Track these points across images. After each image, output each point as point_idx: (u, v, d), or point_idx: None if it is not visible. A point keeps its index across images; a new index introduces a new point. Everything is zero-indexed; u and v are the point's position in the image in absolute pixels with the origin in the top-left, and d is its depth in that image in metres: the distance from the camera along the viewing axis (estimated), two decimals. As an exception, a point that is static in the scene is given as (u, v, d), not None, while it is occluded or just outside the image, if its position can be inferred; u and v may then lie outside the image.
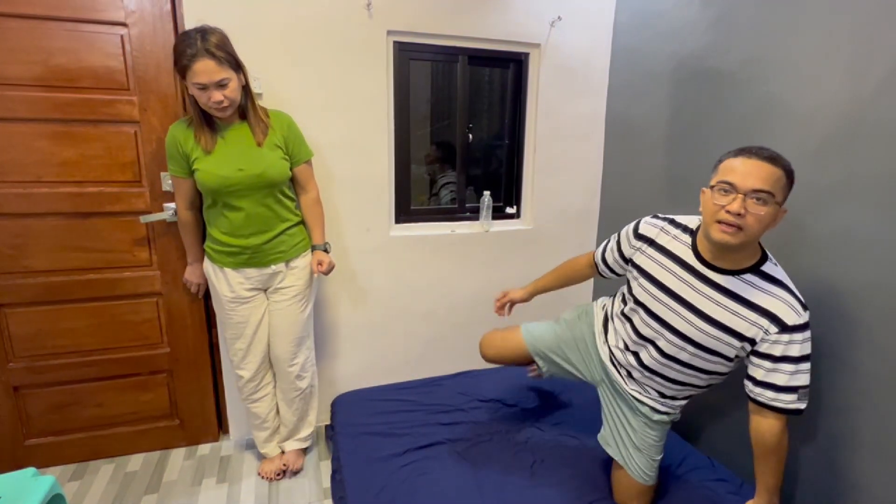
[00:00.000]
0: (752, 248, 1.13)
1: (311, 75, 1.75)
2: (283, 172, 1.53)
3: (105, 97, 1.58)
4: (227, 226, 1.52)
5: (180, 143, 1.46)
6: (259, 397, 1.73)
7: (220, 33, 1.38)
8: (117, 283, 1.71)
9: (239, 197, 1.49)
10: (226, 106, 1.39)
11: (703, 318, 1.15)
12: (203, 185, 1.48)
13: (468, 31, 1.90)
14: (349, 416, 1.83)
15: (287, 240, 1.60)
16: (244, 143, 1.49)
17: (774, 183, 1.02)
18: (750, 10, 1.50)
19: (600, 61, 2.11)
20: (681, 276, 1.19)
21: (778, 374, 1.10)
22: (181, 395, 1.86)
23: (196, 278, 1.69)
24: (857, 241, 1.24)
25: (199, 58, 1.31)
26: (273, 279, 1.62)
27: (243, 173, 1.46)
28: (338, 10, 1.73)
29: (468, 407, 1.88)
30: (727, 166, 1.08)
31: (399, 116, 1.94)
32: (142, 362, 1.79)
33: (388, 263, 2.02)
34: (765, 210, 1.02)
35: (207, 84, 1.34)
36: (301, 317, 1.67)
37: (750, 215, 1.02)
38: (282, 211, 1.58)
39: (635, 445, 1.34)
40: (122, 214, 1.67)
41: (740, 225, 1.03)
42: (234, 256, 1.55)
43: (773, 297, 1.09)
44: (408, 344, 2.14)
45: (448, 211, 2.15)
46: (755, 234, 1.05)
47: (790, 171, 1.06)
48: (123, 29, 1.55)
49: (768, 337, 1.09)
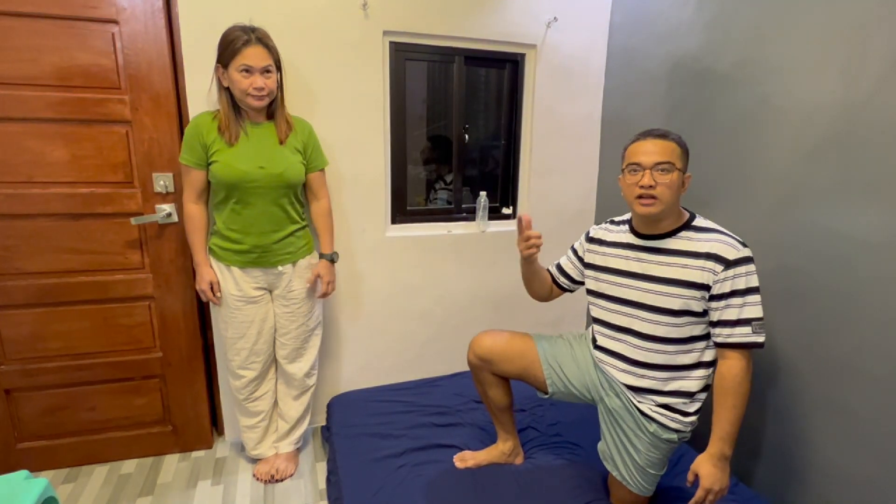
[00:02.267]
0: (676, 213, 1.25)
1: (306, 75, 1.72)
2: (300, 175, 1.56)
3: (96, 96, 1.55)
4: (238, 223, 1.51)
5: (202, 133, 1.46)
6: (260, 395, 1.72)
7: (265, 30, 1.46)
8: (109, 286, 1.68)
9: (255, 195, 1.49)
10: (264, 94, 1.43)
11: (660, 281, 1.24)
12: (220, 179, 1.46)
13: (464, 31, 1.89)
14: (345, 417, 1.82)
15: (295, 241, 1.61)
16: (268, 141, 1.51)
17: (671, 153, 1.19)
18: (744, 13, 1.50)
19: (596, 62, 2.11)
20: (628, 255, 1.32)
21: (729, 310, 1.16)
22: (174, 401, 1.83)
23: (209, 277, 1.55)
24: (851, 240, 1.25)
25: (251, 44, 1.39)
26: (279, 280, 1.62)
27: (264, 171, 1.47)
28: (334, 9, 1.71)
29: (465, 408, 1.87)
30: (631, 151, 1.24)
31: (395, 117, 1.92)
32: (134, 366, 1.76)
33: (384, 264, 2.00)
34: (670, 178, 1.18)
35: (253, 68, 1.39)
36: (308, 318, 1.69)
37: (659, 185, 1.18)
38: (292, 213, 1.59)
39: (638, 465, 1.31)
40: (113, 216, 1.64)
41: (654, 195, 1.18)
42: (242, 255, 1.54)
43: (710, 241, 1.19)
44: (404, 344, 2.13)
45: (444, 211, 2.14)
46: (670, 200, 1.19)
47: (681, 142, 1.22)
48: (115, 26, 1.53)
49: (717, 277, 1.16)
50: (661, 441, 1.28)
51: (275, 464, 1.75)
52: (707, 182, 1.66)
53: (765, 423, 1.51)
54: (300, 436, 1.82)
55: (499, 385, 1.51)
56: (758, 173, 1.49)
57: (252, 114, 1.49)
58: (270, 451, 1.78)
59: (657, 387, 1.28)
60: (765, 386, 1.51)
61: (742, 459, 1.57)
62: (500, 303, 2.22)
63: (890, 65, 1.15)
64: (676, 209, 1.25)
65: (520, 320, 2.25)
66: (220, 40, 1.42)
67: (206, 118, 1.49)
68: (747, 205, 1.53)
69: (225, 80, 1.43)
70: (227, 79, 1.42)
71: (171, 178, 1.65)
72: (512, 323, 2.26)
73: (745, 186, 1.53)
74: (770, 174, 1.45)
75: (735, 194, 1.57)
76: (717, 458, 1.16)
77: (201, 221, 1.55)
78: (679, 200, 1.23)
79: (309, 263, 1.67)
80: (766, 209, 1.47)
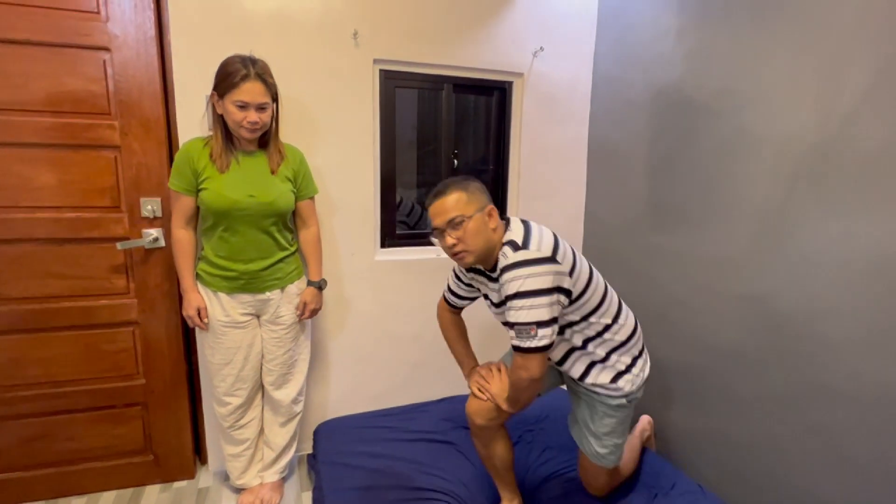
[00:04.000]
0: (498, 246, 1.24)
1: (297, 102, 1.73)
2: (290, 204, 1.55)
3: (85, 121, 1.54)
4: (227, 250, 1.50)
5: (193, 159, 1.45)
6: (246, 422, 1.67)
7: (265, 63, 1.44)
8: (93, 312, 1.64)
9: (244, 222, 1.48)
10: (258, 128, 1.43)
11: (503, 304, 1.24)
12: (209, 206, 1.45)
13: (453, 60, 1.92)
14: (332, 445, 1.77)
15: (283, 267, 1.60)
16: (259, 170, 1.50)
17: (455, 205, 1.21)
18: (721, 45, 1.55)
19: (582, 89, 2.15)
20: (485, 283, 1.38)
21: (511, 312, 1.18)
22: (156, 429, 1.77)
23: (196, 303, 1.51)
24: (826, 263, 1.27)
25: (250, 79, 1.37)
26: (267, 306, 1.59)
27: (254, 200, 1.46)
28: (325, 38, 1.73)
29: (453, 436, 1.83)
30: (430, 215, 1.26)
31: (385, 142, 1.93)
32: (116, 394, 1.71)
33: (373, 287, 1.98)
34: (464, 229, 1.20)
35: (249, 104, 1.38)
36: (296, 345, 1.67)
37: (460, 241, 1.21)
38: (281, 240, 1.58)
39: (592, 431, 1.41)
40: (99, 241, 1.61)
41: (463, 249, 1.21)
42: (229, 281, 1.52)
43: (500, 258, 1.21)
44: (393, 368, 2.09)
45: (433, 235, 2.13)
46: (481, 246, 1.22)
47: (465, 186, 1.23)
48: (107, 53, 1.53)
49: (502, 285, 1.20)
50: (612, 408, 1.37)
51: (260, 494, 1.69)
52: (691, 206, 1.67)
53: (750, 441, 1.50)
54: (286, 464, 1.76)
55: (503, 438, 1.45)
56: (738, 200, 1.51)
57: (244, 142, 1.49)
58: (255, 481, 1.72)
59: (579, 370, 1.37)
60: (746, 406, 1.49)
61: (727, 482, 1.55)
62: (489, 325, 2.20)
63: (860, 98, 1.18)
64: (494, 244, 1.25)
65: (507, 343, 2.22)
66: (219, 68, 1.41)
67: (198, 144, 1.47)
68: (730, 229, 1.54)
69: (220, 109, 1.42)
70: (222, 108, 1.41)
71: (158, 203, 1.63)
72: (500, 345, 2.23)
73: (727, 211, 1.55)
74: (749, 201, 1.48)
75: (718, 219, 1.58)
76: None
77: (189, 247, 1.52)
78: (491, 235, 1.24)
79: (298, 289, 1.65)
80: (748, 234, 1.48)
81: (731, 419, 1.56)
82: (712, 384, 1.62)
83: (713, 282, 1.61)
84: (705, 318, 1.64)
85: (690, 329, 1.70)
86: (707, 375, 1.64)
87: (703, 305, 1.65)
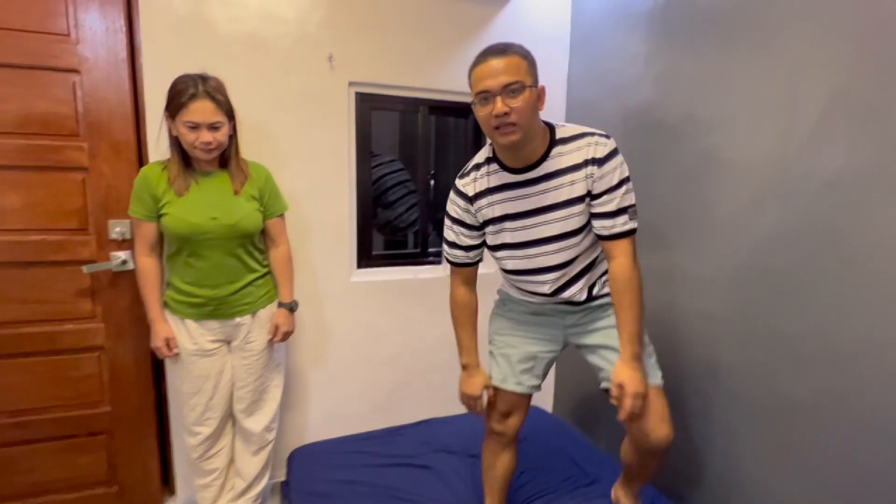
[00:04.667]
0: (540, 133, 1.16)
1: (272, 123, 1.72)
2: (256, 224, 1.48)
3: (53, 143, 1.51)
4: (192, 275, 1.43)
5: (151, 185, 1.38)
6: (215, 452, 1.59)
7: (219, 80, 1.39)
8: (57, 337, 1.58)
9: (208, 246, 1.41)
10: (213, 148, 1.36)
11: (553, 208, 1.18)
12: (172, 232, 1.39)
13: (428, 83, 1.93)
14: (306, 472, 1.72)
15: (254, 291, 1.52)
16: (220, 191, 1.43)
17: (517, 71, 1.07)
18: (687, 70, 1.58)
19: (556, 112, 2.17)
20: (512, 196, 1.21)
21: (609, 203, 1.15)
22: (122, 459, 1.70)
23: (164, 333, 1.45)
24: (791, 284, 1.28)
25: (198, 98, 1.30)
26: (238, 331, 1.52)
27: (217, 222, 1.39)
28: (300, 61, 1.73)
29: (431, 461, 1.79)
30: (475, 78, 1.11)
31: (361, 164, 1.92)
32: (80, 422, 1.63)
33: (349, 309, 1.95)
34: (522, 98, 1.06)
35: (200, 124, 1.31)
36: (268, 371, 1.60)
37: (514, 111, 1.06)
38: (250, 261, 1.51)
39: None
40: (65, 264, 1.56)
41: (513, 122, 1.07)
42: (197, 308, 1.46)
43: (580, 148, 1.15)
44: (370, 391, 2.05)
45: (410, 255, 2.12)
46: (529, 123, 1.10)
47: (525, 53, 1.10)
48: (76, 76, 1.50)
49: (594, 178, 1.14)
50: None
51: (230, 525, 1.61)
52: (661, 225, 1.69)
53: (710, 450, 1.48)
54: (258, 493, 1.69)
55: (514, 450, 1.44)
56: (706, 220, 1.53)
57: (202, 163, 1.42)
58: (225, 512, 1.65)
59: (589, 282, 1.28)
60: (713, 420, 1.48)
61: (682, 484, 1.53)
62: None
63: (816, 121, 1.21)
64: (539, 128, 1.16)
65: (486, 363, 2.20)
66: (169, 88, 1.35)
67: (155, 169, 1.41)
68: (698, 248, 1.56)
69: (174, 130, 1.36)
70: (175, 129, 1.35)
71: (127, 226, 1.59)
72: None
73: (698, 231, 1.56)
74: (717, 221, 1.49)
75: (690, 238, 1.60)
76: (631, 359, 1.16)
77: (155, 275, 1.46)
78: (539, 118, 1.14)
79: (270, 313, 1.58)
80: (720, 252, 1.49)
81: (706, 433, 1.55)
82: (688, 400, 1.61)
83: (682, 299, 1.61)
84: (677, 335, 1.64)
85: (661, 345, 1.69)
86: (683, 391, 1.63)
87: (673, 322, 1.65)
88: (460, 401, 1.43)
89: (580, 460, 1.80)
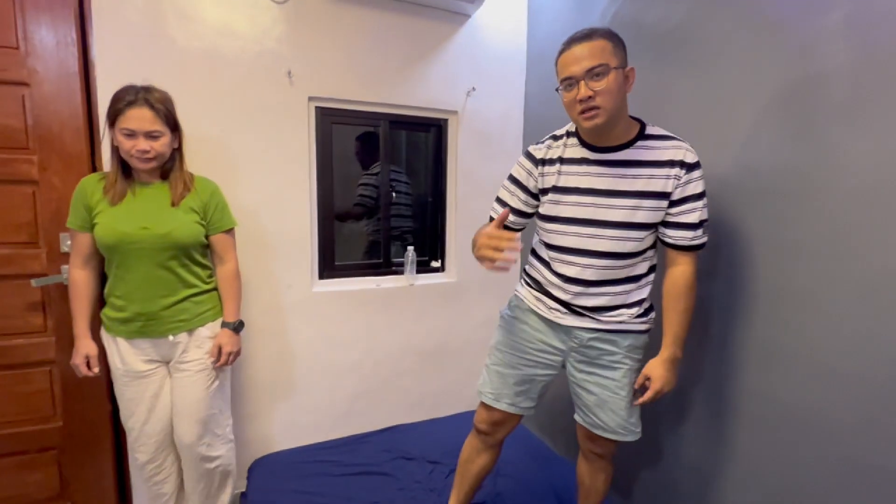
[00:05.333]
0: (626, 121, 1.15)
1: (231, 137, 1.70)
2: (192, 235, 1.40)
3: (2, 156, 1.46)
4: (122, 288, 1.36)
5: (87, 195, 1.34)
6: (162, 478, 1.51)
7: (164, 93, 1.35)
8: (6, 352, 1.52)
9: (138, 257, 1.34)
10: (150, 157, 1.31)
11: (628, 196, 1.14)
12: (100, 241, 1.33)
13: (389, 98, 1.94)
14: (265, 483, 1.69)
15: (191, 307, 1.43)
16: (156, 202, 1.37)
17: (601, 54, 1.05)
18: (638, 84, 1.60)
19: (513, 127, 2.21)
20: (588, 171, 1.17)
21: (692, 213, 1.13)
22: (75, 475, 1.64)
23: (84, 350, 1.38)
24: (728, 289, 1.33)
25: (136, 105, 1.27)
26: (174, 350, 1.43)
27: (147, 231, 1.33)
28: (258, 76, 1.72)
29: (392, 468, 1.79)
30: (561, 64, 1.10)
31: (322, 176, 1.92)
32: (30, 438, 1.57)
33: (310, 319, 1.94)
34: (606, 81, 1.05)
35: (136, 131, 1.28)
36: (207, 393, 1.46)
37: (598, 94, 1.05)
38: (187, 276, 1.42)
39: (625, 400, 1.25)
40: (14, 277, 1.50)
41: (596, 105, 1.06)
42: (126, 324, 1.37)
43: (669, 148, 1.13)
44: (332, 399, 2.04)
45: (373, 266, 2.12)
46: (615, 106, 1.08)
47: (612, 36, 1.08)
48: (25, 88, 1.46)
49: (679, 182, 1.12)
50: (638, 348, 1.26)
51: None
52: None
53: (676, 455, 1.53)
54: None
55: (496, 453, 1.43)
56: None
57: (143, 174, 1.37)
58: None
59: (620, 301, 1.22)
60: (677, 428, 1.53)
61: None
62: (429, 354, 2.19)
63: (748, 133, 1.26)
64: (625, 113, 1.14)
65: (449, 370, 2.22)
66: (113, 95, 1.31)
67: (92, 179, 1.37)
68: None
69: (114, 139, 1.31)
70: (115, 138, 1.30)
71: (80, 239, 1.54)
72: (442, 373, 2.22)
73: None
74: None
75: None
76: (669, 361, 1.17)
77: (85, 289, 1.39)
78: (626, 101, 1.12)
79: (212, 331, 1.47)
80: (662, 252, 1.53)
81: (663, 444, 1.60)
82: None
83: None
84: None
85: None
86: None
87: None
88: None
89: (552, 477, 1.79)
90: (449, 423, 2.11)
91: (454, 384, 2.26)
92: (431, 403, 2.21)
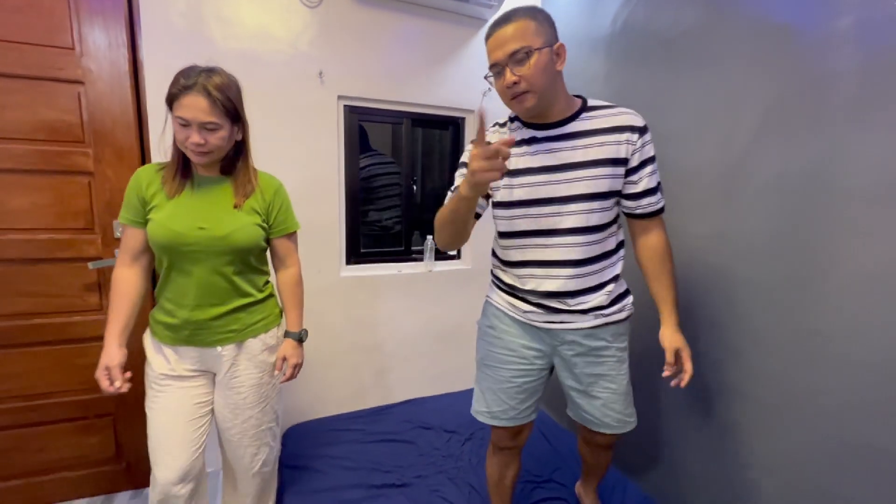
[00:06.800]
0: (565, 97, 1.08)
1: (267, 133, 1.75)
2: (252, 239, 1.19)
3: (60, 149, 1.52)
4: (173, 292, 1.17)
5: (142, 186, 1.15)
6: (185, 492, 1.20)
7: (228, 77, 1.13)
8: (66, 328, 1.60)
9: (192, 260, 1.14)
10: (205, 151, 1.09)
11: (583, 166, 1.05)
12: (153, 240, 1.13)
13: (411, 98, 1.98)
14: (298, 448, 1.78)
15: (243, 318, 1.22)
16: (218, 199, 1.17)
17: (522, 36, 0.97)
18: (641, 87, 1.64)
19: (526, 124, 2.24)
20: (537, 150, 1.09)
21: (653, 177, 1.09)
22: (127, 438, 1.73)
23: (107, 360, 1.12)
24: (732, 282, 1.35)
25: (191, 91, 1.05)
26: (220, 363, 1.22)
27: (204, 233, 1.13)
28: (292, 76, 1.76)
29: (413, 437, 1.87)
30: (487, 52, 1.03)
31: (349, 170, 1.97)
32: (88, 405, 1.67)
33: (338, 302, 2.01)
34: (531, 63, 0.97)
35: (190, 122, 1.06)
36: (261, 410, 1.27)
37: (524, 79, 0.98)
38: (242, 284, 1.21)
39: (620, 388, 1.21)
40: (72, 261, 1.58)
41: (524, 89, 0.99)
42: (173, 331, 1.18)
43: (617, 114, 1.06)
44: (358, 374, 2.12)
45: (395, 253, 2.18)
46: (545, 85, 1.00)
47: (533, 13, 0.99)
48: (81, 87, 1.51)
49: (636, 146, 1.05)
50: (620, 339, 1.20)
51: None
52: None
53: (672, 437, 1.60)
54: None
55: (519, 461, 1.35)
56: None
57: (200, 168, 1.17)
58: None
59: (597, 281, 1.13)
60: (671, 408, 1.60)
61: (641, 465, 1.65)
62: (446, 335, 2.26)
63: (754, 133, 1.27)
64: (560, 90, 1.05)
65: (464, 349, 2.30)
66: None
67: (150, 169, 1.18)
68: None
69: (173, 126, 1.11)
70: (173, 125, 1.10)
71: (131, 226, 1.61)
72: (458, 352, 2.30)
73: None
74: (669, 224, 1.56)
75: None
76: (675, 325, 1.14)
77: (125, 287, 1.16)
78: (559, 78, 1.04)
79: (264, 344, 1.26)
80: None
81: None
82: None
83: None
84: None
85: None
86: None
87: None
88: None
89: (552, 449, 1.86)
90: (464, 397, 2.19)
91: (469, 362, 2.31)
92: (448, 379, 2.29)
